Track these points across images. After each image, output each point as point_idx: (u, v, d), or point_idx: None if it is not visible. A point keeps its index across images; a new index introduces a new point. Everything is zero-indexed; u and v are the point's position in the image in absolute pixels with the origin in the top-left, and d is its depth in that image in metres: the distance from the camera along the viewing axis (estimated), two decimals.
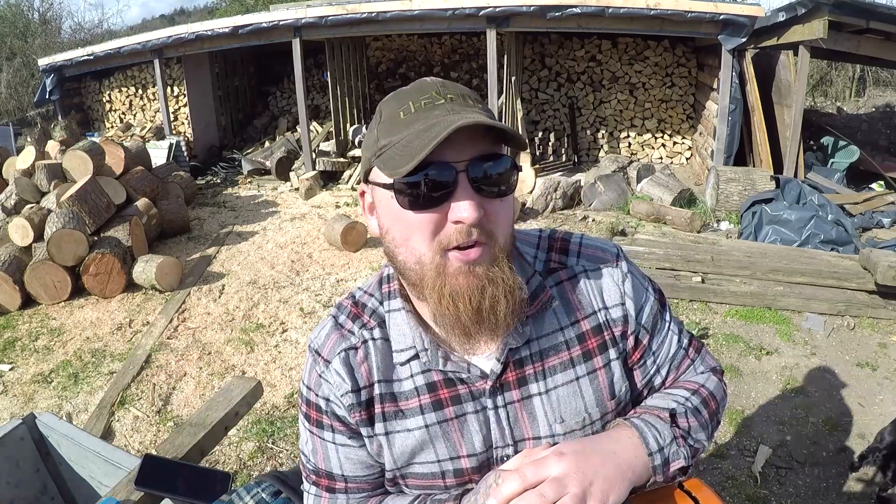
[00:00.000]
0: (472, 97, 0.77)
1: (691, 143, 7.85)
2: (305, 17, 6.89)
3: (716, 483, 2.47)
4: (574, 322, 0.87)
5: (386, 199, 0.76)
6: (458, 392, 0.85)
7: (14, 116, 11.58)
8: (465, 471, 0.87)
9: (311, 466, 0.94)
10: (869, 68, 11.75)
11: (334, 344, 0.88)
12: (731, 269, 4.16)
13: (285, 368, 3.49)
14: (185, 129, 8.93)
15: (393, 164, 0.72)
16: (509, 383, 0.85)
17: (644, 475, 0.80)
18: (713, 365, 0.98)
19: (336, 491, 0.93)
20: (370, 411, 0.87)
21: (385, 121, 0.76)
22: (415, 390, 0.85)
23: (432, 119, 0.72)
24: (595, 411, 0.88)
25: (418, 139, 0.70)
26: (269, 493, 1.08)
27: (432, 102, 0.74)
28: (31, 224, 4.51)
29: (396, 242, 0.77)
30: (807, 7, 5.30)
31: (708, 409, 0.89)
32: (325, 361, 0.88)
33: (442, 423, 0.85)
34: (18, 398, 3.31)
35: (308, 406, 0.91)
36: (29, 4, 15.71)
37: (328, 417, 0.89)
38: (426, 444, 0.86)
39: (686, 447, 0.83)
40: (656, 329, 0.92)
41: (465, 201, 0.71)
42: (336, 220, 5.30)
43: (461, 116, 0.70)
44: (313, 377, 0.89)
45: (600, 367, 0.88)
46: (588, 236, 0.94)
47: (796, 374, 3.24)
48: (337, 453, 0.90)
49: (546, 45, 8.35)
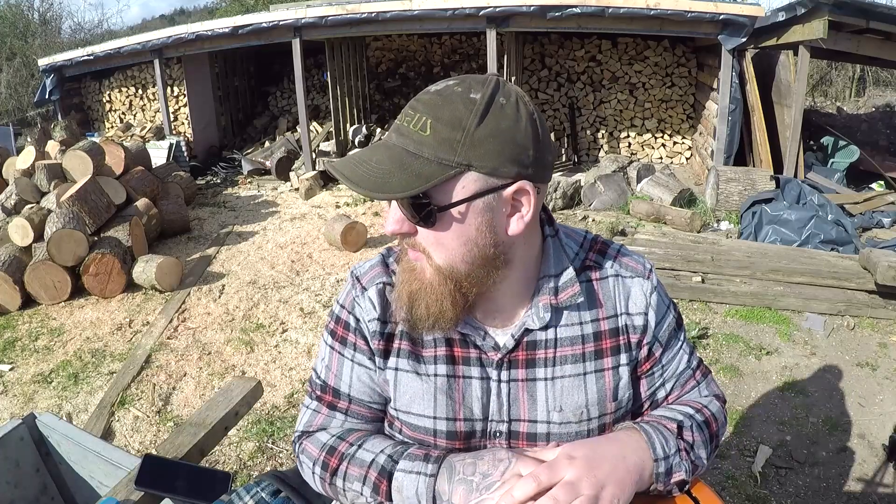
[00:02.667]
0: (427, 122, 0.75)
1: (691, 143, 7.85)
2: (305, 17, 6.88)
3: (716, 483, 2.47)
4: (594, 320, 0.90)
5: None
6: (471, 354, 0.89)
7: (14, 116, 11.58)
8: (458, 434, 0.90)
9: (320, 382, 0.99)
10: (869, 68, 11.75)
11: (375, 275, 0.95)
12: (731, 269, 4.16)
13: (285, 368, 3.49)
14: (185, 129, 8.93)
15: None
16: (518, 361, 0.88)
17: (647, 481, 0.81)
18: (717, 392, 1.01)
19: (337, 409, 0.97)
20: (388, 344, 0.92)
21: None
22: (433, 340, 0.89)
23: (359, 156, 0.80)
24: (594, 409, 0.90)
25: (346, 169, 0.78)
26: (268, 493, 1.08)
27: (398, 122, 0.80)
28: (31, 224, 4.51)
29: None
30: (807, 7, 5.30)
31: (709, 429, 0.92)
32: (363, 288, 0.94)
33: (449, 378, 0.89)
34: (18, 398, 3.31)
35: (337, 323, 0.97)
36: (29, 4, 15.71)
37: (353, 335, 0.94)
38: (428, 393, 0.90)
39: (688, 461, 0.85)
40: (670, 345, 0.95)
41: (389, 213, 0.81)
42: (336, 220, 5.30)
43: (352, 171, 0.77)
44: (349, 299, 0.96)
45: (609, 368, 0.91)
46: (626, 247, 1.00)
47: (796, 374, 3.24)
48: (351, 371, 0.95)
49: (546, 45, 8.35)
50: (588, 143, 8.30)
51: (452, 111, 0.74)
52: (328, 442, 0.93)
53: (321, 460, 0.92)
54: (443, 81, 0.80)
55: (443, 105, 0.75)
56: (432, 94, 0.78)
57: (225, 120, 9.58)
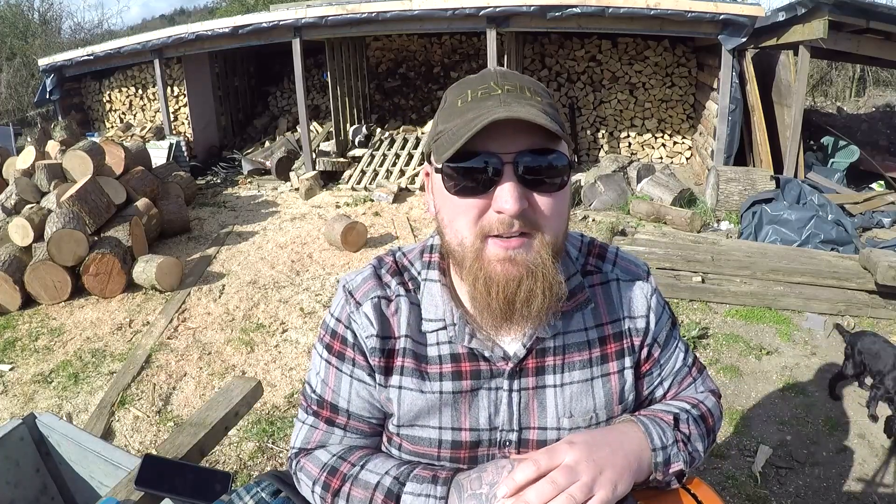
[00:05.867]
0: (532, 89, 0.78)
1: (691, 143, 7.85)
2: (305, 17, 6.88)
3: (716, 483, 2.46)
4: (599, 325, 0.91)
5: (438, 182, 0.80)
6: (480, 368, 0.87)
7: (14, 116, 11.59)
8: (462, 444, 0.89)
9: (316, 397, 0.95)
10: (869, 68, 11.76)
11: (369, 289, 0.91)
12: (731, 268, 4.16)
13: (285, 368, 3.49)
14: (185, 129, 8.93)
15: (440, 149, 0.76)
16: (528, 370, 0.87)
17: (646, 470, 0.82)
18: (712, 388, 1.02)
19: (335, 425, 0.94)
20: (389, 361, 0.89)
21: (446, 107, 0.81)
22: (438, 357, 0.88)
23: (483, 110, 0.74)
24: (602, 413, 0.91)
25: (465, 128, 0.73)
26: (268, 493, 1.08)
27: (488, 93, 0.76)
28: (31, 224, 4.51)
29: (444, 223, 0.81)
30: (807, 7, 5.30)
31: (706, 423, 0.93)
32: (357, 303, 0.90)
33: (455, 394, 0.87)
34: (18, 398, 3.31)
35: (333, 337, 0.93)
36: (29, 4, 15.74)
37: (352, 351, 0.91)
38: (434, 409, 0.88)
39: (685, 452, 0.86)
40: (667, 344, 0.97)
41: (507, 192, 0.73)
42: (336, 220, 5.30)
43: (509, 109, 0.72)
44: (344, 313, 0.92)
45: (614, 371, 0.91)
46: (623, 250, 0.99)
47: (796, 374, 3.24)
48: (350, 387, 0.92)
49: (546, 45, 8.35)
50: (588, 143, 8.30)
51: (535, 84, 0.79)
52: (329, 462, 0.90)
53: (322, 481, 0.89)
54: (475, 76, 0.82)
55: (522, 79, 0.79)
56: (501, 72, 0.80)
57: (225, 120, 9.58)
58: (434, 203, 0.84)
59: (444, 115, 0.80)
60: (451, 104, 0.79)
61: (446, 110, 0.80)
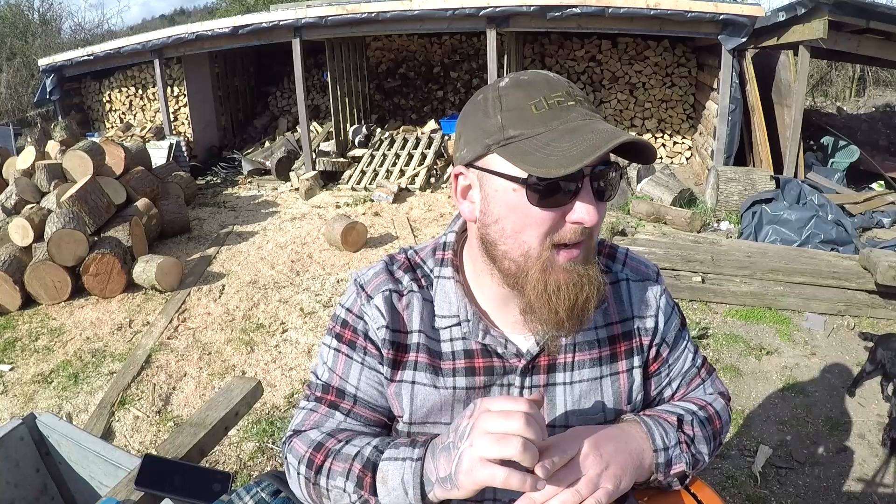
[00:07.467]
0: (588, 99, 0.80)
1: (691, 143, 7.85)
2: (305, 17, 6.88)
3: (716, 483, 2.46)
4: (609, 324, 0.92)
5: (504, 190, 0.76)
6: (493, 364, 0.88)
7: (14, 116, 11.58)
8: None
9: (322, 383, 0.94)
10: (869, 68, 11.75)
11: (380, 283, 0.91)
12: (731, 268, 4.16)
13: (285, 368, 3.49)
14: (185, 129, 8.93)
15: (533, 160, 0.72)
16: (539, 367, 0.88)
17: (647, 470, 0.83)
18: (721, 389, 1.02)
19: (338, 409, 0.92)
20: (399, 355, 0.89)
21: (512, 110, 0.75)
22: (451, 353, 0.88)
23: (571, 122, 0.74)
24: (611, 412, 0.91)
25: (568, 143, 0.72)
26: (268, 493, 1.08)
27: (564, 102, 0.75)
28: (31, 224, 4.51)
29: (505, 233, 0.78)
30: (807, 7, 5.30)
31: (712, 426, 0.93)
32: (368, 296, 0.91)
33: (469, 390, 0.88)
34: (18, 398, 3.31)
35: (343, 327, 0.92)
36: (29, 4, 15.73)
37: (363, 340, 0.91)
38: (447, 405, 0.88)
39: (689, 454, 0.86)
40: (676, 345, 0.98)
41: (588, 205, 0.74)
42: (336, 220, 5.30)
43: (602, 125, 0.73)
44: (356, 306, 0.92)
45: (623, 371, 0.92)
46: (632, 250, 1.01)
47: (796, 374, 3.24)
48: (360, 373, 0.92)
49: (546, 45, 8.35)
50: None
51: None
52: (317, 438, 0.88)
53: (307, 457, 0.86)
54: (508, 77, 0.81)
55: (569, 85, 0.79)
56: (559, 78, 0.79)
57: (225, 120, 9.58)
58: (483, 210, 0.80)
59: (513, 118, 0.75)
60: (520, 107, 0.75)
61: (513, 113, 0.75)
